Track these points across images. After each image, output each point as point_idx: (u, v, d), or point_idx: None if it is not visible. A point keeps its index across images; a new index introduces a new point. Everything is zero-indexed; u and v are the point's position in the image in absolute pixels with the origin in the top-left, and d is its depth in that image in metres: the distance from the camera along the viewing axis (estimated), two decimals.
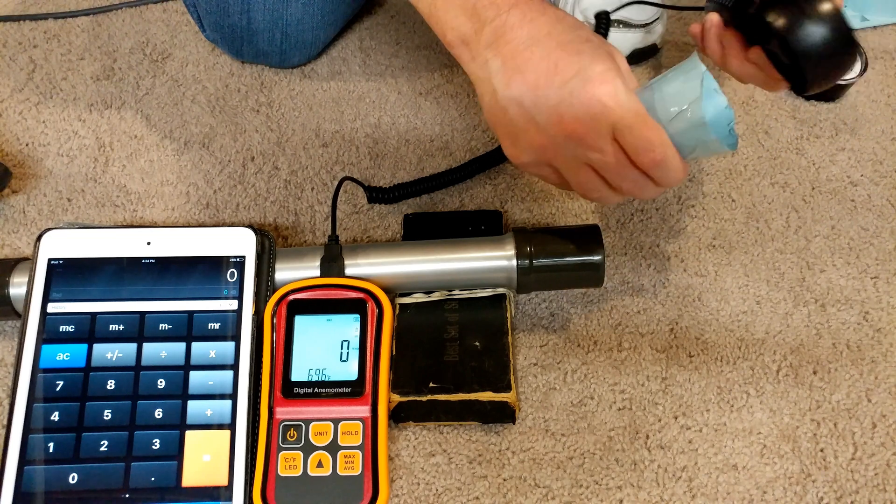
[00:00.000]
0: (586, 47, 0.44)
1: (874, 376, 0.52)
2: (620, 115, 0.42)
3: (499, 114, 0.46)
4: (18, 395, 0.47)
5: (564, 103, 0.43)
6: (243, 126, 0.67)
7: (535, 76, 0.43)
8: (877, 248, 0.59)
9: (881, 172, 0.64)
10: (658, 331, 0.55)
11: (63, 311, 0.49)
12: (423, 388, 0.49)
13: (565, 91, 0.43)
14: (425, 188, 0.61)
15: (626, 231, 0.60)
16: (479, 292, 0.53)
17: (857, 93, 0.69)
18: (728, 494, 0.47)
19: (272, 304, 0.51)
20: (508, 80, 0.44)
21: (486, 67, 0.45)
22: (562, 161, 0.46)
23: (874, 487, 0.48)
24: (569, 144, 0.44)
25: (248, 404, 0.48)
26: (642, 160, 0.43)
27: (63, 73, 0.70)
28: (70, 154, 0.65)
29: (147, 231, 0.52)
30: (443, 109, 0.68)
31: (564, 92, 0.43)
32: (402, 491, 0.48)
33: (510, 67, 0.44)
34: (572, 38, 0.44)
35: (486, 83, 0.45)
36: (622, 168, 0.44)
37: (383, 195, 0.60)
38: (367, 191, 0.59)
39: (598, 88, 0.42)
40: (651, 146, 0.43)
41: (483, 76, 0.46)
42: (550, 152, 0.45)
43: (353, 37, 0.74)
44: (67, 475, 0.45)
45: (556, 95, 0.43)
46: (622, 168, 0.44)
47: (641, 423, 0.50)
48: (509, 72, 0.44)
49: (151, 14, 0.75)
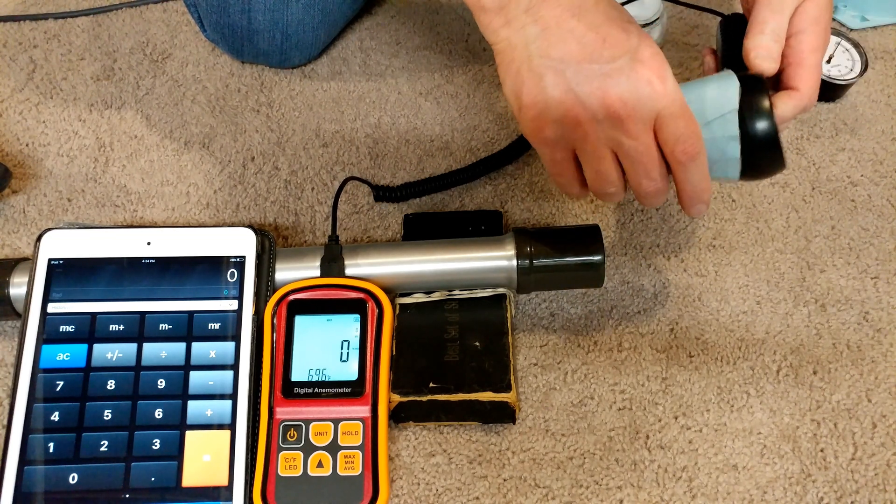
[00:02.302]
0: (633, 28, 0.43)
1: (874, 376, 0.52)
2: (668, 102, 0.41)
3: (530, 82, 0.43)
4: (18, 395, 0.47)
5: (611, 80, 0.41)
6: (243, 126, 0.67)
7: (579, 47, 0.42)
8: (877, 248, 0.59)
9: (881, 172, 0.64)
10: (658, 331, 0.55)
11: (63, 311, 0.49)
12: (424, 388, 0.49)
13: (614, 67, 0.41)
14: (433, 188, 0.60)
15: (626, 231, 0.60)
16: (479, 292, 0.53)
17: (857, 93, 0.69)
18: (728, 494, 0.47)
19: (272, 304, 0.51)
20: (548, 47, 0.42)
21: (522, 32, 0.43)
22: (591, 143, 0.44)
23: (874, 487, 0.48)
24: (605, 124, 0.42)
25: (249, 404, 0.48)
26: (678, 151, 0.42)
27: (63, 73, 0.70)
28: (70, 154, 0.65)
29: (147, 231, 0.52)
30: (443, 109, 0.68)
31: (613, 68, 0.41)
32: (402, 491, 0.48)
33: (553, 34, 0.42)
34: (618, 16, 0.43)
35: (518, 49, 0.43)
36: (651, 161, 0.43)
37: (390, 194, 0.60)
38: (373, 189, 0.59)
39: (649, 70, 0.41)
40: (691, 137, 0.42)
41: (516, 41, 0.43)
42: (582, 130, 0.43)
43: (353, 37, 0.74)
44: (67, 475, 0.45)
45: (602, 70, 0.41)
46: (651, 161, 0.43)
47: (641, 423, 0.50)
48: (551, 38, 0.42)
49: (151, 14, 0.75)
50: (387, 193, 0.60)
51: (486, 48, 0.73)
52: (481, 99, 0.69)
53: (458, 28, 0.75)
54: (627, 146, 0.43)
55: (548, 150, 0.46)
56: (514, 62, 0.44)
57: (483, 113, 0.68)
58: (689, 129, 0.42)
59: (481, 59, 0.72)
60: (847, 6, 0.76)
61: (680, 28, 0.75)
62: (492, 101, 0.69)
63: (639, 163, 0.44)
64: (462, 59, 0.72)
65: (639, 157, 0.43)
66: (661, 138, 0.43)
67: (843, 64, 0.68)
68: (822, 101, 0.69)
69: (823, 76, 0.67)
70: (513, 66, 0.44)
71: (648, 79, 0.41)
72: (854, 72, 0.68)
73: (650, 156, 0.43)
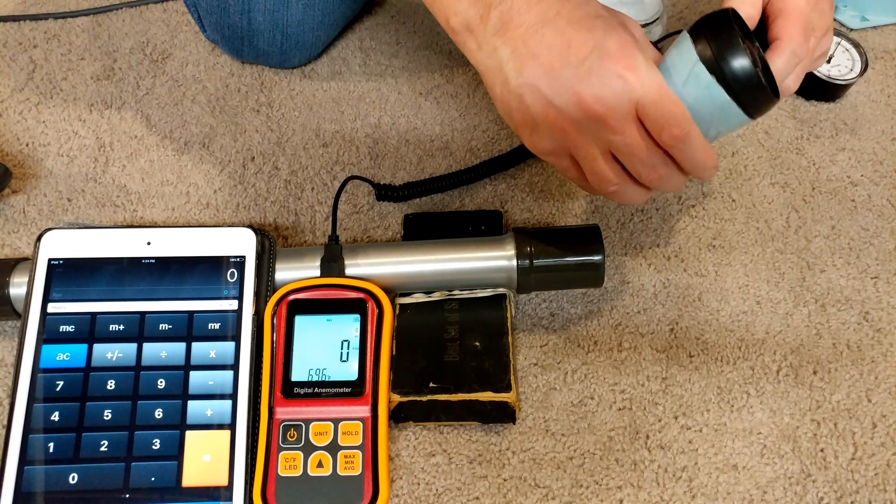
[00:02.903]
0: (598, 22, 0.42)
1: (874, 376, 0.52)
2: (642, 90, 0.41)
3: (513, 103, 0.44)
4: (18, 395, 0.47)
5: (583, 82, 0.41)
6: (243, 126, 0.67)
7: (548, 58, 0.42)
8: (877, 248, 0.59)
9: (881, 172, 0.64)
10: (658, 331, 0.55)
11: (63, 311, 0.49)
12: (423, 388, 0.49)
13: (583, 69, 0.41)
14: (435, 188, 0.60)
15: (626, 231, 0.60)
16: (479, 292, 0.53)
17: (857, 93, 0.69)
18: (728, 494, 0.47)
19: (272, 304, 0.51)
20: (521, 66, 0.42)
21: (494, 56, 0.44)
22: (581, 147, 0.44)
23: (874, 487, 0.48)
24: (590, 127, 0.42)
25: (249, 404, 0.48)
26: (665, 137, 0.42)
27: (63, 73, 0.70)
28: (70, 154, 0.65)
29: (147, 231, 0.52)
30: (443, 109, 0.68)
31: (582, 70, 0.41)
32: (402, 491, 0.48)
33: (522, 53, 0.42)
34: (583, 15, 0.43)
35: (496, 73, 0.44)
36: (646, 151, 0.43)
37: (392, 193, 0.60)
38: (375, 188, 0.59)
39: (617, 63, 0.41)
40: (674, 120, 0.41)
41: (492, 65, 0.44)
42: (571, 138, 0.44)
43: (353, 37, 0.74)
44: (67, 475, 0.45)
45: (573, 75, 0.41)
46: (646, 151, 0.43)
47: (641, 423, 0.50)
48: (521, 58, 0.42)
49: (151, 14, 0.75)
50: (389, 193, 0.60)
51: None
52: (481, 99, 0.69)
53: None
54: (616, 142, 0.43)
55: (552, 159, 0.47)
56: (495, 86, 0.45)
57: (483, 113, 0.68)
58: (672, 110, 0.41)
59: None
60: (847, 6, 0.76)
61: (681, 28, 0.75)
62: (491, 101, 0.69)
63: (632, 155, 0.44)
64: (462, 59, 0.72)
65: (630, 150, 0.43)
66: (647, 126, 0.42)
67: (843, 64, 0.68)
68: (822, 101, 0.69)
69: (824, 76, 0.67)
70: (495, 89, 0.45)
71: (617, 72, 0.41)
72: (854, 72, 0.68)
73: (641, 146, 0.43)
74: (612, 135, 0.43)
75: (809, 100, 0.69)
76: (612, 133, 0.42)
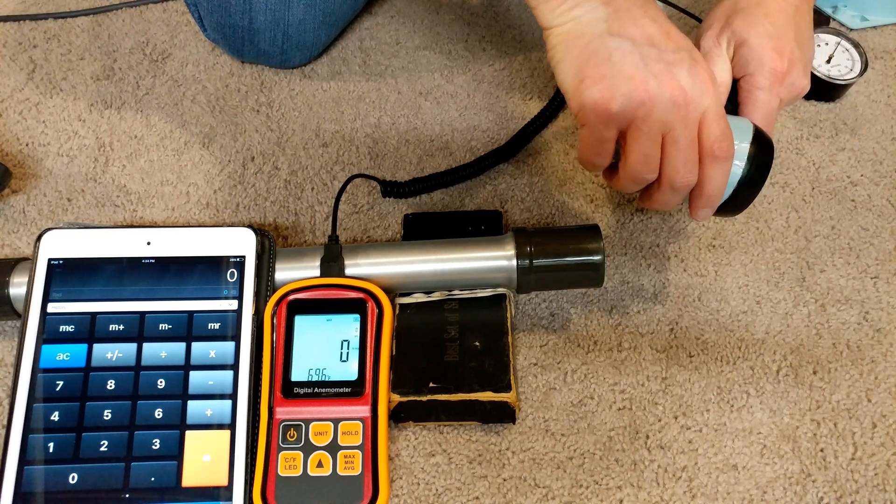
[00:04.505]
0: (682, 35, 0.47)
1: (874, 376, 0.52)
2: (716, 102, 0.45)
3: (601, 55, 0.45)
4: (18, 395, 0.47)
5: (676, 68, 0.44)
6: (243, 126, 0.67)
7: (648, 34, 0.45)
8: (877, 248, 0.59)
9: (881, 172, 0.64)
10: (658, 331, 0.55)
11: (63, 311, 0.49)
12: (423, 388, 0.49)
13: (678, 58, 0.45)
14: (441, 183, 0.61)
15: (626, 231, 0.60)
16: (479, 292, 0.53)
17: (857, 93, 0.69)
18: (728, 494, 0.47)
19: (272, 304, 0.51)
20: (621, 27, 0.45)
21: (594, 13, 0.45)
22: (650, 122, 0.45)
23: (874, 487, 0.48)
24: (667, 106, 0.45)
25: (248, 404, 0.48)
26: (717, 147, 0.45)
27: (63, 73, 0.70)
28: (70, 154, 0.65)
29: (147, 231, 0.52)
30: (443, 109, 0.68)
31: (677, 58, 0.45)
32: (402, 491, 0.48)
33: (624, 16, 0.45)
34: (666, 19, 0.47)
35: (592, 25, 0.45)
36: (693, 151, 0.46)
37: (398, 189, 0.60)
38: (381, 185, 0.59)
39: (705, 70, 0.45)
40: (727, 137, 0.46)
41: (589, 19, 0.45)
42: (646, 108, 0.45)
43: (353, 37, 0.74)
44: (67, 475, 0.45)
45: (668, 58, 0.45)
46: (693, 151, 0.46)
47: (641, 423, 0.50)
48: (623, 20, 0.45)
49: (151, 14, 0.75)
50: (395, 189, 0.60)
51: (485, 48, 0.73)
52: (481, 99, 0.69)
53: (458, 28, 0.75)
54: (678, 133, 0.45)
55: (601, 125, 0.46)
56: (582, 37, 0.46)
57: (483, 113, 0.68)
58: (727, 131, 0.46)
59: (481, 59, 0.72)
60: (847, 6, 0.76)
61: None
62: (492, 101, 0.69)
63: (683, 151, 0.46)
64: (462, 59, 0.72)
65: (684, 146, 0.45)
66: (703, 132, 0.45)
67: (843, 64, 0.68)
68: (822, 101, 0.69)
69: (824, 76, 0.67)
70: (581, 40, 0.46)
71: (704, 77, 0.45)
72: (854, 72, 0.68)
73: (693, 146, 0.46)
74: (680, 124, 0.45)
75: (809, 100, 0.69)
76: (681, 122, 0.45)
